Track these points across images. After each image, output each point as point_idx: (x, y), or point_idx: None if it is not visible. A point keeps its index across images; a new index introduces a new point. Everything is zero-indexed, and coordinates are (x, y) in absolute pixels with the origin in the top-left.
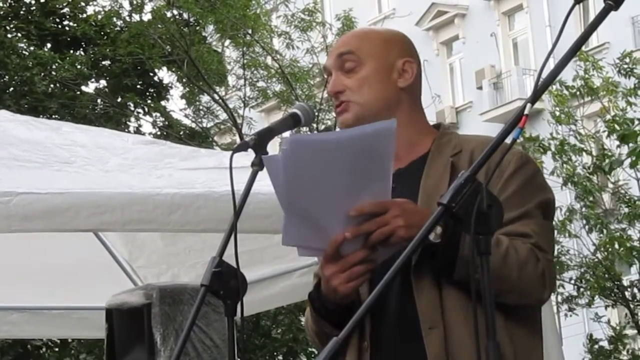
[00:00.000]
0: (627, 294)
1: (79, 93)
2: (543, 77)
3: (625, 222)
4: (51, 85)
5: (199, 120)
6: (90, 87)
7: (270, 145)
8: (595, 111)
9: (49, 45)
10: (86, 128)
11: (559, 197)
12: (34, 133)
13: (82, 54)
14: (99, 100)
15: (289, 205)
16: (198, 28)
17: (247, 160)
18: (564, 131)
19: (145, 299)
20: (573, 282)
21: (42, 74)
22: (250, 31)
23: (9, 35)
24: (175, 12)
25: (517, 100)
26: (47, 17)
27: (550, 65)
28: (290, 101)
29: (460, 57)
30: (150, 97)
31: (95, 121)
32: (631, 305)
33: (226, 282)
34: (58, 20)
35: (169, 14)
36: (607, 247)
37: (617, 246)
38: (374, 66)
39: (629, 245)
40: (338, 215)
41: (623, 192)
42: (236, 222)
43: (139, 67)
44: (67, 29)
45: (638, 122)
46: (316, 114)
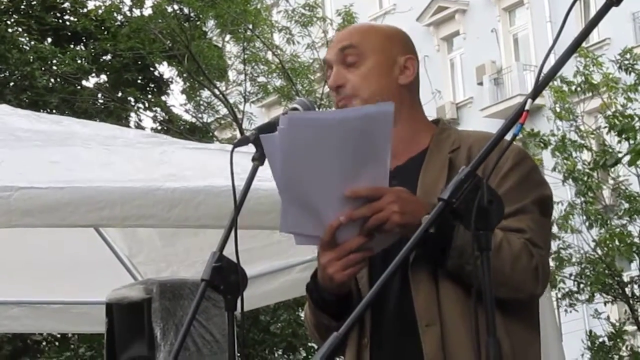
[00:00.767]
0: (627, 290)
1: (79, 88)
2: (544, 73)
3: (626, 218)
4: (52, 80)
5: (200, 115)
6: (90, 82)
7: None
8: (595, 107)
9: (49, 40)
10: (87, 122)
11: (560, 193)
12: (35, 125)
13: (83, 48)
14: (100, 95)
15: (286, 188)
16: (198, 23)
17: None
18: (564, 127)
19: (145, 294)
20: (573, 278)
21: (43, 69)
22: (250, 26)
23: (10, 30)
24: (175, 7)
25: (518, 96)
26: (48, 12)
27: (551, 61)
28: (290, 96)
29: (460, 53)
30: (150, 92)
31: (96, 116)
32: (631, 302)
33: (226, 277)
34: (59, 14)
35: (169, 9)
36: (608, 243)
37: (618, 242)
38: (376, 61)
39: (629, 241)
40: (334, 200)
41: (623, 188)
42: (236, 218)
43: (139, 62)
44: (68, 23)
45: (638, 119)
46: (317, 109)
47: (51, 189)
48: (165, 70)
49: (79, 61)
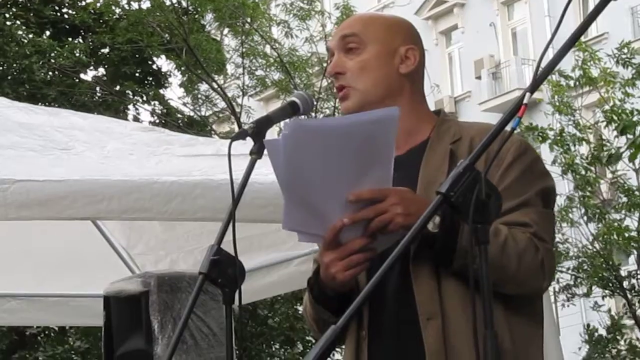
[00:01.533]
0: (625, 284)
1: (77, 81)
2: (542, 67)
3: (624, 212)
4: (50, 73)
5: (198, 109)
6: (88, 75)
7: (268, 134)
8: (593, 101)
9: (47, 33)
10: (85, 115)
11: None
12: (32, 117)
13: (81, 41)
14: (98, 88)
15: (289, 190)
16: (197, 16)
17: (246, 149)
18: (562, 121)
19: (143, 287)
20: (570, 272)
21: (41, 62)
22: (249, 19)
23: (8, 23)
24: (174, 0)
25: (516, 90)
26: (46, 5)
27: (549, 55)
28: (288, 90)
29: (459, 47)
30: (148, 85)
31: (94, 109)
32: (629, 296)
33: (224, 270)
34: (57, 8)
35: (167, 2)
36: (605, 237)
37: (616, 236)
38: (376, 50)
39: (627, 235)
40: (338, 202)
41: (622, 182)
42: (234, 211)
43: (137, 55)
44: (66, 16)
45: (637, 113)
46: (315, 102)
47: (48, 182)
48: (163, 63)
49: (77, 54)
